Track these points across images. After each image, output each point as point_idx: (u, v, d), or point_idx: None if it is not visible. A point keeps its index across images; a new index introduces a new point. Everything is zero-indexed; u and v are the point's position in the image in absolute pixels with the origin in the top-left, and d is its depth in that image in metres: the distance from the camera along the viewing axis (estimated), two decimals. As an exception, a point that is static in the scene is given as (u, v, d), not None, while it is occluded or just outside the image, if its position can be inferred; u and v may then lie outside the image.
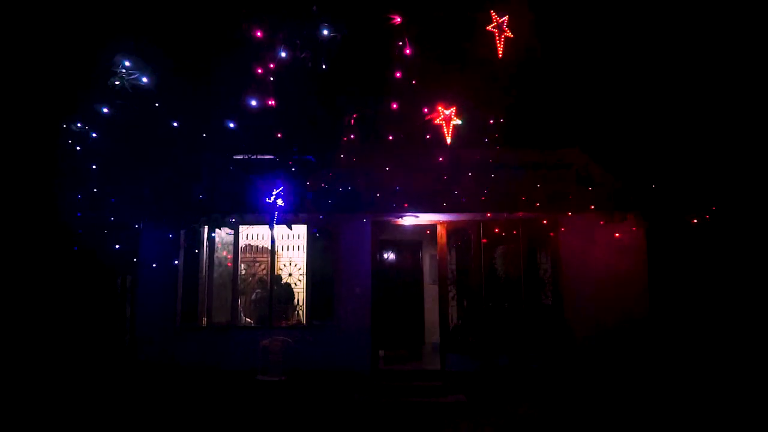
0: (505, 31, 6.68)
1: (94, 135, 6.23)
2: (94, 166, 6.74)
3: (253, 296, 9.11)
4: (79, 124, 6.34)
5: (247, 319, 9.00)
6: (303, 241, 9.07)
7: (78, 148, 6.30)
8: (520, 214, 8.50)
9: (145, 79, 5.84)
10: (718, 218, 8.25)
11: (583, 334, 8.32)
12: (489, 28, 6.67)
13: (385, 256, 10.36)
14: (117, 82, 5.78)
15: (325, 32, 5.51)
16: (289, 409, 7.34)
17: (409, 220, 8.74)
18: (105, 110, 6.01)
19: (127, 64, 5.72)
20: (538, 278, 8.91)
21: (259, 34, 5.42)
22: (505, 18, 6.56)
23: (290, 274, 9.25)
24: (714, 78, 8.43)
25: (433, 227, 8.97)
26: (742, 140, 8.31)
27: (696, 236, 8.34)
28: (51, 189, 7.11)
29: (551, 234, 8.78)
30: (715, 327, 8.13)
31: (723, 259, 8.40)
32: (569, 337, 8.38)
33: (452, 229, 8.95)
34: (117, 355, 8.38)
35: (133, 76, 5.81)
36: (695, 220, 8.27)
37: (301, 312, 9.01)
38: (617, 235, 8.56)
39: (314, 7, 5.55)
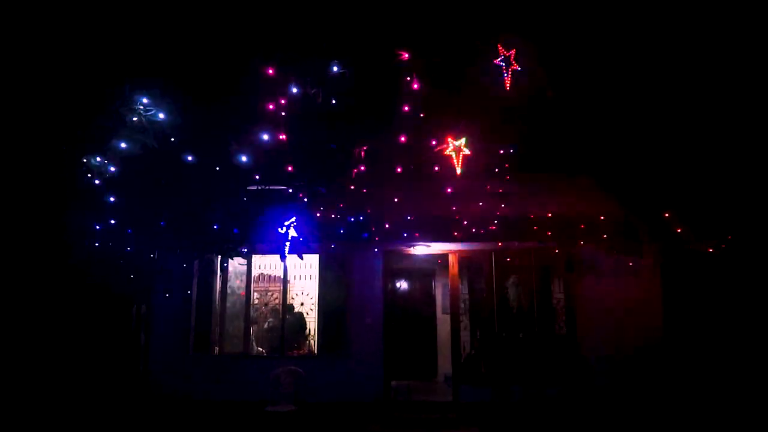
0: (513, 64, 6.80)
1: (112, 169, 6.42)
2: (111, 198, 6.92)
3: (266, 325, 9.15)
4: (98, 158, 6.52)
5: (260, 348, 9.02)
6: (315, 271, 9.13)
7: (97, 181, 6.50)
8: (532, 243, 8.48)
9: (161, 115, 6.04)
10: (735, 246, 8.13)
11: (597, 364, 8.17)
12: (497, 61, 6.80)
13: (397, 285, 10.35)
14: (135, 118, 5.99)
15: (335, 68, 5.66)
16: (299, 440, 7.30)
17: (420, 249, 8.76)
18: (123, 145, 6.19)
19: (144, 100, 5.93)
20: (551, 307, 8.81)
21: (270, 71, 5.59)
22: (513, 51, 6.68)
23: (302, 304, 9.29)
24: (726, 106, 8.40)
25: (444, 256, 8.97)
26: (757, 169, 8.23)
27: (712, 264, 8.21)
28: (70, 220, 7.31)
29: (564, 263, 8.72)
30: (730, 356, 7.93)
31: (739, 287, 8.23)
32: (584, 368, 8.24)
33: (464, 259, 8.94)
34: (131, 383, 8.46)
35: (150, 112, 6.01)
36: (711, 249, 8.15)
37: (312, 341, 9.01)
38: (630, 263, 8.47)
39: (324, 45, 5.72)
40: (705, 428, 7.23)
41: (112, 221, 7.13)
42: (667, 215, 7.94)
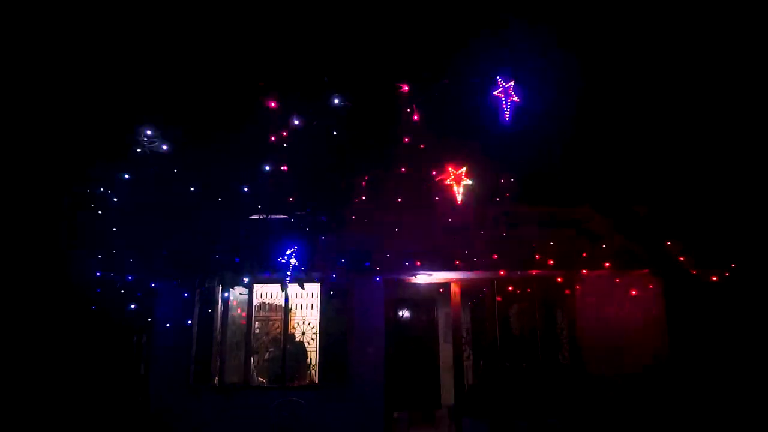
0: (512, 96, 6.91)
1: (115, 200, 6.50)
2: (114, 228, 6.97)
3: (267, 355, 9.06)
4: (101, 189, 6.61)
5: (260, 378, 8.92)
6: (316, 300, 9.09)
7: (100, 212, 6.58)
8: (534, 272, 8.44)
9: (164, 147, 6.15)
10: (739, 274, 8.08)
11: (603, 394, 8.03)
12: (496, 93, 6.91)
13: (399, 314, 10.28)
14: (138, 150, 6.09)
15: (336, 101, 5.77)
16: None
17: (422, 278, 8.73)
18: (126, 176, 6.29)
19: (148, 132, 6.05)
20: (555, 336, 8.72)
21: (273, 104, 5.70)
22: (511, 83, 6.80)
23: (303, 333, 9.22)
24: (728, 131, 8.46)
25: (446, 285, 8.93)
26: (758, 198, 8.24)
27: (716, 290, 8.14)
28: (72, 249, 7.35)
29: (566, 292, 8.66)
30: (738, 384, 7.80)
31: (743, 312, 8.15)
32: (590, 397, 8.11)
33: (466, 288, 8.90)
34: (130, 413, 8.37)
35: (153, 144, 6.13)
36: (715, 278, 8.10)
37: (313, 371, 8.91)
38: (634, 292, 8.42)
39: (325, 78, 5.84)
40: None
41: (114, 251, 7.17)
42: (669, 244, 7.92)
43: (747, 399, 7.69)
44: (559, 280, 8.60)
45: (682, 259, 8.00)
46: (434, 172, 7.01)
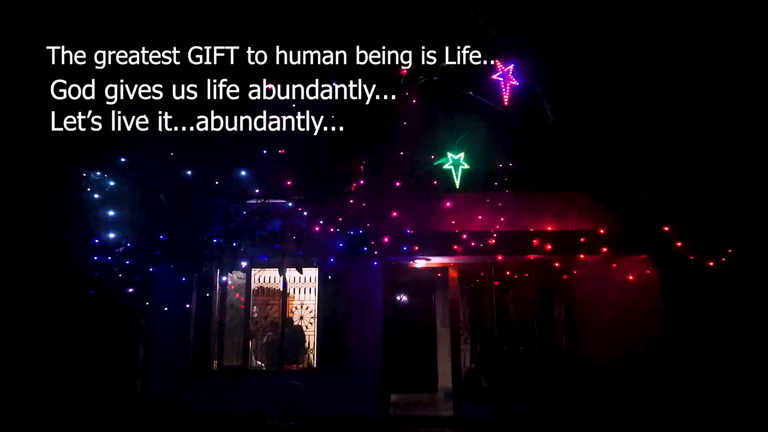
0: (511, 80, 6.86)
1: (111, 183, 6.46)
2: (111, 212, 6.94)
3: (265, 339, 9.11)
4: (98, 173, 6.56)
5: (258, 362, 8.98)
6: (314, 284, 9.11)
7: (96, 196, 6.54)
8: (532, 257, 8.46)
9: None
10: (735, 259, 8.10)
11: (599, 378, 8.11)
12: (495, 76, 6.86)
13: (397, 298, 10.31)
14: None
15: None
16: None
17: (419, 263, 8.74)
18: (123, 159, 6.24)
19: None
20: (553, 321, 8.78)
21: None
22: (510, 67, 6.75)
23: (302, 317, 9.25)
24: (724, 119, 8.43)
25: (444, 270, 8.95)
26: (757, 182, 8.24)
27: (713, 275, 8.17)
28: (69, 234, 7.33)
29: (564, 276, 8.70)
30: (734, 366, 7.86)
31: (741, 298, 8.19)
32: (586, 382, 8.18)
33: (463, 272, 8.93)
34: (129, 396, 8.42)
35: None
36: (711, 263, 8.12)
37: (311, 355, 8.97)
38: (631, 277, 8.45)
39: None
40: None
41: (111, 235, 7.15)
42: (666, 229, 7.93)
43: (742, 384, 7.75)
44: (556, 264, 8.63)
45: (678, 244, 8.01)
46: (433, 157, 6.98)
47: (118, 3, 7.27)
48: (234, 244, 7.62)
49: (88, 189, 6.67)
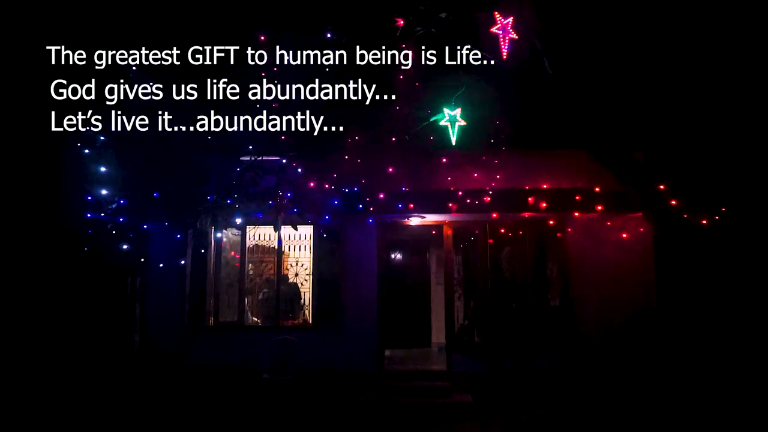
0: (510, 33, 6.69)
1: (102, 138, 6.34)
2: (102, 168, 6.84)
3: (261, 296, 9.19)
4: (87, 127, 6.43)
5: (255, 318, 9.08)
6: (309, 242, 9.13)
7: (86, 150, 6.43)
8: (526, 214, 8.47)
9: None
10: (728, 219, 8.15)
11: (591, 335, 8.27)
12: (493, 29, 6.68)
13: (392, 256, 10.37)
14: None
15: (329, 35, 5.56)
16: (295, 408, 7.40)
17: (414, 220, 8.75)
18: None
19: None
20: (546, 279, 8.88)
21: (262, 37, 5.49)
22: (510, 19, 6.56)
23: (297, 274, 9.30)
24: (720, 76, 8.32)
25: (439, 227, 8.97)
26: (751, 141, 8.21)
27: (705, 235, 8.23)
28: (60, 190, 7.25)
29: (558, 234, 8.74)
30: (724, 325, 8.02)
31: (732, 258, 8.28)
32: (577, 338, 8.34)
33: (458, 230, 8.95)
34: (126, 354, 8.53)
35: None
36: (705, 222, 8.17)
37: (307, 311, 9.07)
38: (624, 235, 8.50)
39: (319, 12, 5.60)
40: (696, 399, 7.36)
41: (104, 191, 7.06)
42: (662, 187, 7.93)
43: (732, 341, 7.93)
44: (551, 222, 8.66)
45: (673, 203, 8.04)
46: (429, 112, 6.86)
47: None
48: (228, 201, 7.57)
49: (78, 144, 6.56)
